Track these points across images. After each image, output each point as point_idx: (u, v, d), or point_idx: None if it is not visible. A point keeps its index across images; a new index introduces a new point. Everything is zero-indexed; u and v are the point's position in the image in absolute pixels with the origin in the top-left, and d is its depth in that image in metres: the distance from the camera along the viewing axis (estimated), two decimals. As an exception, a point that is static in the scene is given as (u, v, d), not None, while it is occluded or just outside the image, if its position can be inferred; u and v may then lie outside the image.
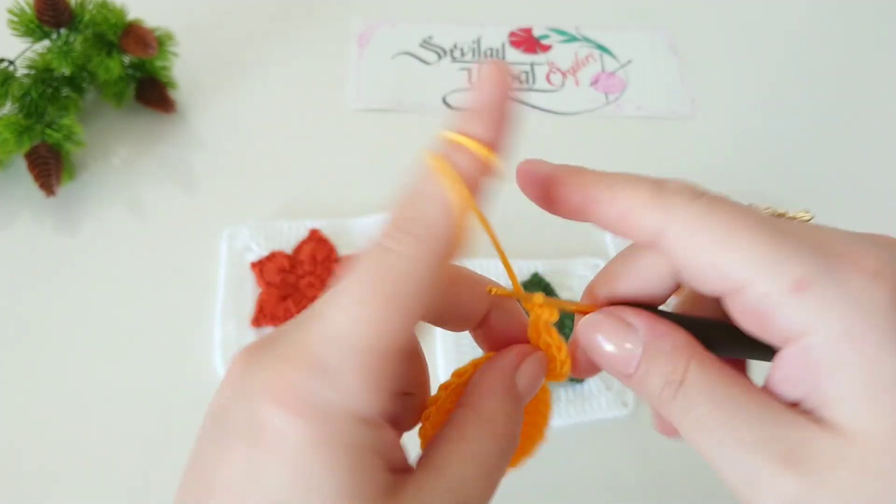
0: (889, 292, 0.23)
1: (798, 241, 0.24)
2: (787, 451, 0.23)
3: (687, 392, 0.26)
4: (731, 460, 0.24)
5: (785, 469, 0.23)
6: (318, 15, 0.80)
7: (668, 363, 0.26)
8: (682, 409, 0.25)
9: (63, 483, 0.50)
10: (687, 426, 0.25)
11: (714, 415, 0.25)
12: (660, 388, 0.26)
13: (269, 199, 0.64)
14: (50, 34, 0.65)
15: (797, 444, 0.23)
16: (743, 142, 0.73)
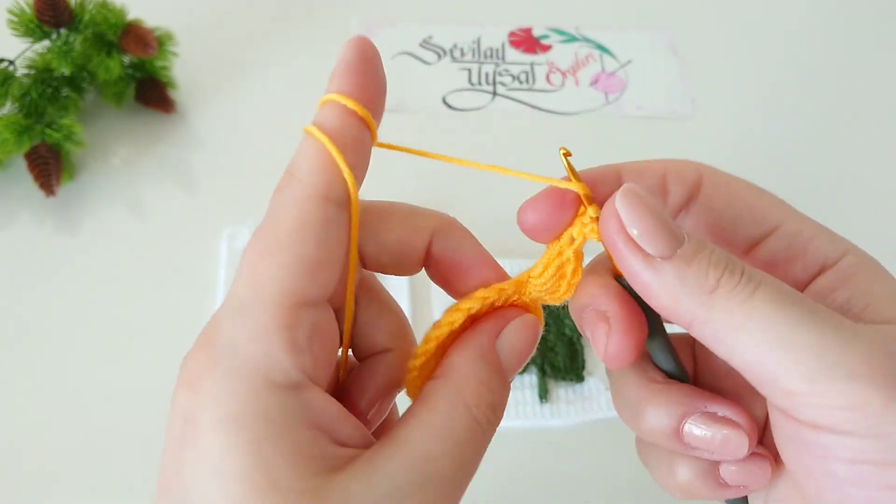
0: None
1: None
2: (881, 342, 0.22)
3: (756, 274, 0.23)
4: (827, 339, 0.22)
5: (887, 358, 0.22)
6: (318, 15, 0.80)
7: (724, 251, 0.24)
8: (755, 286, 0.23)
9: (63, 482, 0.50)
10: (761, 306, 0.22)
11: (795, 295, 0.23)
12: (721, 268, 0.23)
13: (268, 198, 0.64)
14: (50, 34, 0.65)
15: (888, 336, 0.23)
16: (743, 142, 0.73)
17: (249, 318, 0.23)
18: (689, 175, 0.28)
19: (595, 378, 0.55)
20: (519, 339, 0.27)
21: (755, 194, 0.28)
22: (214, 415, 0.22)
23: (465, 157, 0.74)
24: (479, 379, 0.25)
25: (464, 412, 0.24)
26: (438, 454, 0.23)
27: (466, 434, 0.24)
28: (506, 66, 0.77)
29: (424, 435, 0.23)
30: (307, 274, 0.23)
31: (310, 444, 0.22)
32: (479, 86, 0.75)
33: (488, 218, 0.36)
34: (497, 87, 0.75)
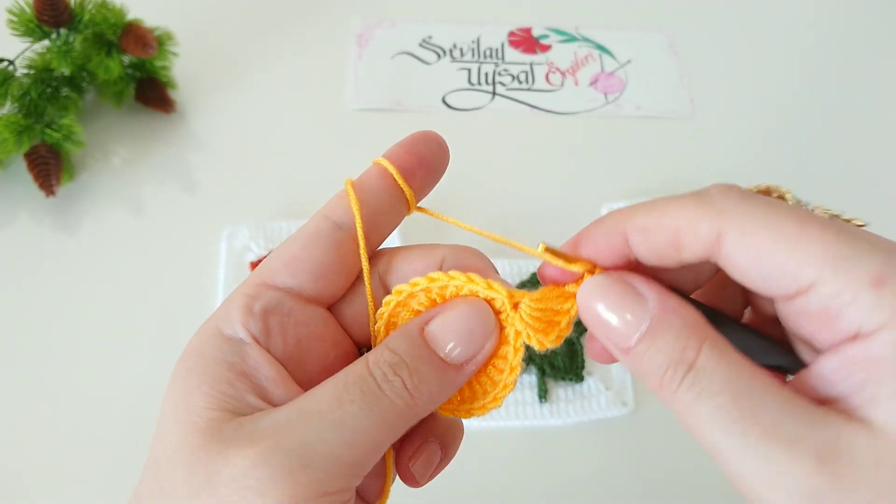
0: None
1: (866, 240, 0.23)
2: (819, 449, 0.22)
3: (700, 377, 0.23)
4: (751, 455, 0.22)
5: (816, 466, 0.21)
6: (318, 15, 0.80)
7: (677, 341, 0.24)
8: (694, 395, 0.23)
9: (63, 481, 0.50)
10: (698, 415, 0.23)
11: (735, 405, 0.23)
12: (663, 368, 0.24)
13: (268, 199, 0.64)
14: (49, 34, 0.65)
15: (831, 442, 0.22)
16: (742, 142, 0.73)
17: (236, 290, 0.28)
18: (705, 231, 0.24)
19: (594, 378, 0.55)
20: (453, 317, 0.28)
21: (787, 247, 0.23)
22: (179, 359, 0.27)
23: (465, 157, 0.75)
24: (386, 342, 0.27)
25: (361, 366, 0.26)
26: (320, 394, 0.25)
27: (355, 377, 0.25)
28: (505, 65, 0.77)
29: (321, 385, 0.26)
30: (282, 264, 0.28)
31: (229, 383, 0.26)
32: (478, 86, 0.75)
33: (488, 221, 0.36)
34: (496, 86, 0.75)
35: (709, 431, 0.23)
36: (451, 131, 0.75)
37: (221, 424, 0.25)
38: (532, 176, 0.68)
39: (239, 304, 0.27)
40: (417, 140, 0.30)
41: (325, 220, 0.28)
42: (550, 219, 0.64)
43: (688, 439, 0.54)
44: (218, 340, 0.27)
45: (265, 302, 0.27)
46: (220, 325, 0.27)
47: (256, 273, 0.28)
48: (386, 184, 0.29)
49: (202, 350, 0.27)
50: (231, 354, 0.26)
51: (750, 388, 0.23)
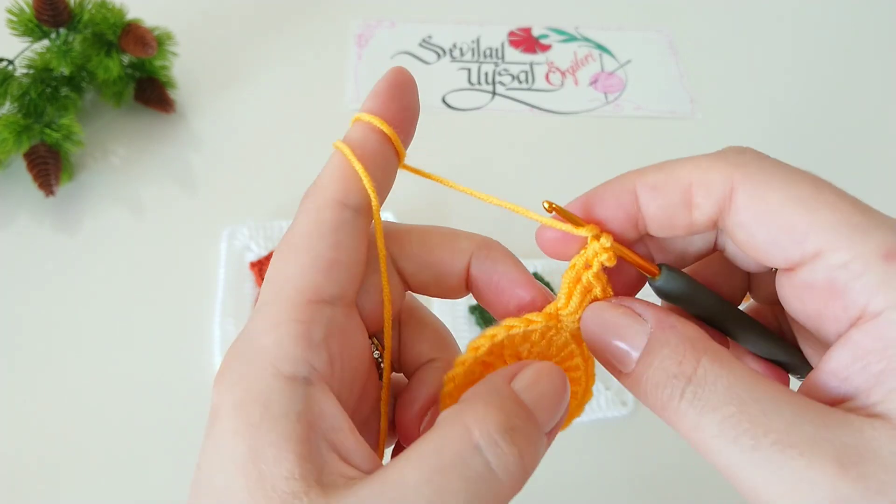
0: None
1: (880, 215, 0.22)
2: (840, 452, 0.20)
3: (701, 389, 0.22)
4: (766, 466, 0.20)
5: (840, 471, 0.20)
6: (318, 15, 0.80)
7: (673, 355, 0.23)
8: (697, 410, 0.22)
9: (63, 480, 0.50)
10: (704, 430, 0.22)
11: (743, 415, 0.21)
12: (662, 385, 0.23)
13: (268, 198, 0.64)
14: (49, 34, 0.65)
15: (852, 443, 0.20)
16: (741, 141, 0.72)
17: (268, 312, 0.23)
18: (718, 185, 0.24)
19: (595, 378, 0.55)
20: (539, 380, 0.24)
21: (800, 208, 0.22)
22: (228, 401, 0.22)
23: (464, 157, 0.75)
24: (486, 401, 0.22)
25: (459, 434, 0.21)
26: (414, 481, 0.20)
27: (457, 460, 0.20)
28: (505, 65, 0.77)
29: (408, 460, 0.21)
30: (321, 272, 0.24)
31: (302, 440, 0.21)
32: (478, 85, 0.75)
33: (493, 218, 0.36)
34: (496, 86, 0.75)
35: (718, 447, 0.21)
36: (451, 131, 0.75)
37: (305, 499, 0.20)
38: (532, 176, 0.68)
39: (295, 333, 0.22)
40: (401, 87, 0.27)
41: (344, 207, 0.25)
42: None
43: (688, 439, 0.54)
44: (281, 384, 0.22)
45: (324, 325, 0.23)
46: (277, 363, 0.22)
47: (291, 288, 0.23)
48: (378, 142, 0.26)
49: (265, 398, 0.21)
50: (299, 402, 0.21)
51: (757, 395, 0.21)
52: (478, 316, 0.57)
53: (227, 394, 0.22)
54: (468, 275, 0.27)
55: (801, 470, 0.20)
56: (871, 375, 0.21)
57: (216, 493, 0.21)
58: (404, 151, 0.27)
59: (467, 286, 0.28)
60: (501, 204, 0.28)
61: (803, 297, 0.23)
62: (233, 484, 0.21)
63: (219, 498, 0.21)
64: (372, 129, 0.26)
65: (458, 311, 0.57)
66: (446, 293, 0.28)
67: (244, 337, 0.24)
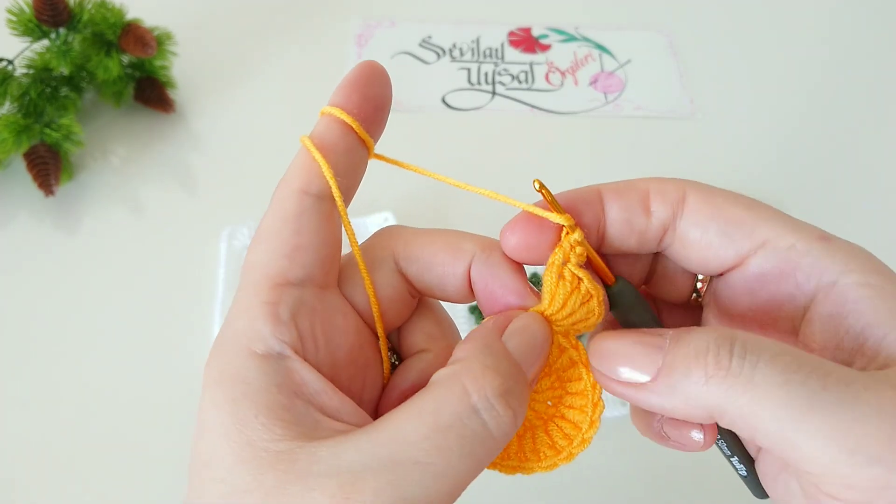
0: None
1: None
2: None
3: (751, 344, 0.22)
4: (836, 407, 0.20)
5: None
6: (318, 15, 0.80)
7: (707, 331, 0.23)
8: (751, 364, 0.21)
9: (63, 480, 0.50)
10: (762, 383, 0.21)
11: (803, 361, 0.21)
12: (705, 351, 0.22)
13: (268, 198, 0.64)
14: (49, 34, 0.65)
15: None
16: (741, 141, 0.73)
17: (239, 298, 0.26)
18: (672, 193, 0.27)
19: (594, 378, 0.55)
20: (528, 331, 0.25)
21: (743, 207, 0.26)
22: (208, 383, 0.24)
23: (464, 157, 0.75)
24: (482, 362, 0.23)
25: (457, 396, 0.22)
26: (415, 438, 0.21)
27: (455, 419, 0.22)
28: (505, 65, 0.77)
29: (407, 416, 0.22)
30: (285, 256, 0.25)
31: (285, 408, 0.23)
32: (478, 85, 0.75)
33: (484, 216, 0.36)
34: (496, 86, 0.75)
35: (780, 398, 0.21)
36: (451, 131, 0.75)
37: (293, 455, 0.21)
38: (531, 176, 0.68)
39: (263, 314, 0.24)
40: (366, 79, 0.28)
41: (305, 194, 0.26)
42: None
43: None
44: (256, 362, 0.23)
45: (290, 304, 0.24)
46: (250, 344, 0.24)
47: (259, 273, 0.25)
48: (341, 134, 0.27)
49: (243, 376, 0.23)
50: (276, 374, 0.23)
51: (790, 349, 0.22)
52: (477, 316, 0.57)
53: (209, 376, 0.24)
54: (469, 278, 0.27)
55: (878, 476, 0.20)
56: (838, 337, 0.23)
57: (209, 467, 0.23)
58: (371, 141, 0.28)
59: (470, 289, 0.27)
60: (477, 191, 0.29)
61: (754, 288, 0.26)
62: (222, 453, 0.22)
63: (212, 471, 0.22)
64: (335, 120, 0.28)
65: (458, 311, 0.57)
66: (450, 297, 0.28)
67: (225, 323, 0.26)
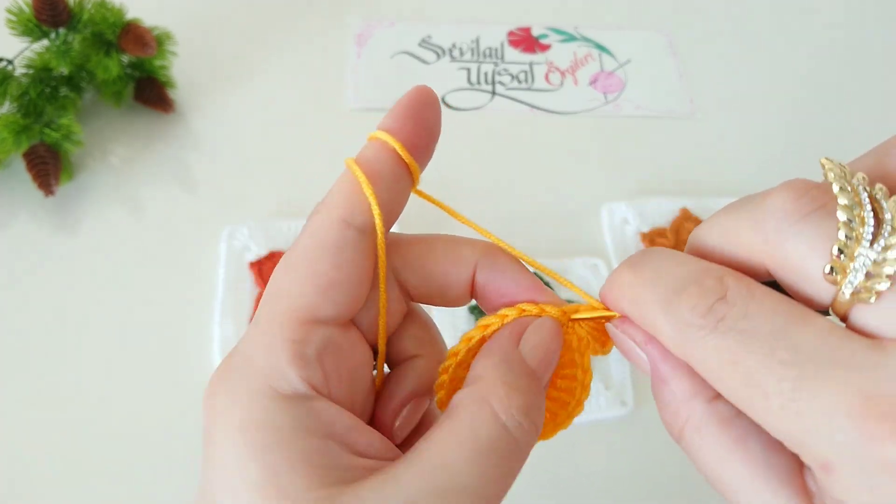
0: None
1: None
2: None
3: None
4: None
5: None
6: (318, 14, 0.80)
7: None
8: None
9: (61, 481, 0.50)
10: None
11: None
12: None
13: (267, 198, 0.64)
14: (48, 33, 0.64)
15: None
16: (741, 141, 0.73)
17: (260, 330, 0.24)
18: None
19: (594, 378, 0.55)
20: (542, 339, 0.25)
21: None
22: (226, 425, 0.22)
23: (464, 157, 0.74)
24: (505, 381, 0.24)
25: (489, 418, 0.23)
26: (459, 464, 0.22)
27: (493, 442, 0.22)
28: (505, 65, 0.77)
29: (445, 444, 0.22)
30: (319, 292, 0.24)
31: (320, 452, 0.22)
32: (478, 85, 0.75)
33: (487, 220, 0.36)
34: (496, 86, 0.75)
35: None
36: (451, 131, 0.75)
37: (336, 502, 0.21)
38: (531, 175, 0.68)
39: (289, 354, 0.23)
40: (419, 104, 0.26)
41: (348, 226, 0.25)
42: (549, 218, 0.64)
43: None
44: (283, 404, 0.22)
45: (318, 345, 0.23)
46: (274, 383, 0.22)
47: (285, 305, 0.24)
48: (391, 163, 0.26)
49: (271, 421, 0.22)
50: (306, 417, 0.22)
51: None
52: (477, 315, 0.57)
53: (226, 416, 0.22)
54: (472, 283, 0.27)
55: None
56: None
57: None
58: (419, 174, 0.27)
59: (471, 294, 0.28)
60: (545, 271, 0.29)
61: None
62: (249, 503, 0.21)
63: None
64: (385, 147, 0.26)
65: (457, 310, 0.57)
66: (449, 302, 0.28)
67: (238, 354, 0.24)
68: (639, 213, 0.64)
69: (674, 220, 0.63)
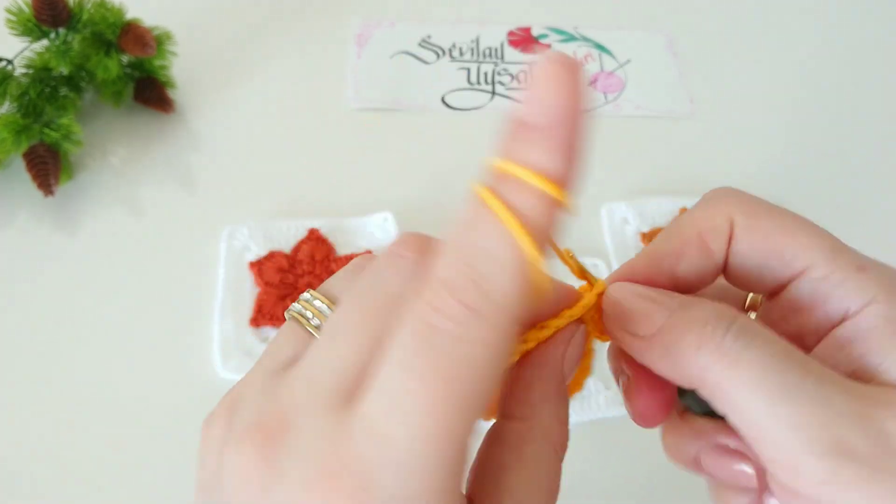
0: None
1: (845, 243, 0.26)
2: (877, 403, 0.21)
3: (748, 329, 0.23)
4: (812, 400, 0.21)
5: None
6: (317, 15, 0.80)
7: (714, 306, 0.24)
8: (743, 344, 0.22)
9: (61, 482, 0.50)
10: (747, 366, 0.22)
11: (792, 354, 0.22)
12: (702, 323, 0.23)
13: (267, 198, 0.64)
14: (48, 33, 0.64)
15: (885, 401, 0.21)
16: (741, 141, 0.73)
17: (417, 481, 0.17)
18: (721, 226, 0.26)
19: (593, 378, 0.55)
20: (577, 358, 0.27)
21: (788, 232, 0.25)
22: None
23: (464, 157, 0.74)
24: (560, 419, 0.25)
25: (554, 460, 0.24)
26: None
27: (556, 476, 0.24)
28: (505, 65, 0.77)
29: (527, 492, 0.23)
30: (474, 422, 0.18)
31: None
32: (477, 85, 0.75)
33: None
34: (496, 86, 0.75)
35: (759, 381, 0.21)
36: (451, 131, 0.75)
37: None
38: (531, 175, 0.68)
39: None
40: (572, 107, 0.19)
41: (514, 334, 0.19)
42: (550, 218, 0.64)
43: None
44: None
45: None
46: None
47: (449, 448, 0.18)
48: (554, 227, 0.20)
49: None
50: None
51: (793, 349, 0.23)
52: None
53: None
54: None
55: (843, 404, 0.21)
56: (851, 360, 0.24)
57: None
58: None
59: None
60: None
61: (787, 316, 0.26)
62: None
63: None
64: (552, 205, 0.18)
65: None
66: None
67: (373, 491, 0.17)
68: (639, 213, 0.64)
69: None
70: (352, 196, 0.64)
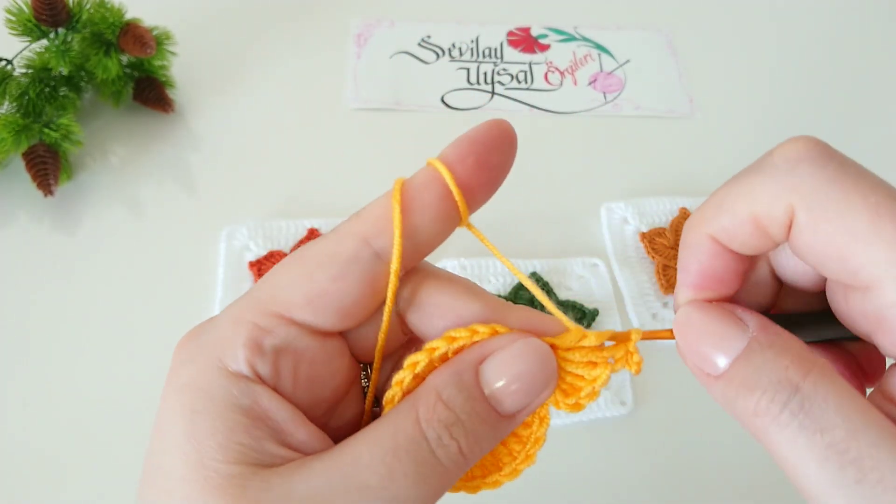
0: None
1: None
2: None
3: (809, 404, 0.21)
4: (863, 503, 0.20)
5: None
6: (317, 15, 0.80)
7: (778, 359, 0.22)
8: (799, 425, 0.20)
9: (61, 481, 0.50)
10: (802, 450, 0.20)
11: (852, 443, 0.20)
12: (762, 389, 0.21)
13: (267, 198, 0.64)
14: (48, 33, 0.64)
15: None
16: (741, 141, 0.73)
17: (239, 305, 0.24)
18: (780, 217, 0.23)
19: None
20: (516, 362, 0.24)
21: (859, 238, 0.21)
22: (173, 381, 0.23)
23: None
24: (438, 391, 0.23)
25: (411, 423, 0.22)
26: (367, 461, 0.21)
27: (408, 445, 0.22)
28: (504, 65, 0.77)
29: (363, 441, 0.22)
30: (305, 296, 0.23)
31: (245, 431, 0.22)
32: (477, 85, 0.75)
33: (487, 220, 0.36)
34: (495, 86, 0.75)
35: (813, 471, 0.20)
36: (450, 131, 0.75)
37: (244, 481, 0.21)
38: (531, 175, 0.68)
39: (246, 337, 0.23)
40: (490, 143, 0.25)
41: (366, 246, 0.24)
42: (549, 218, 0.64)
43: (686, 439, 0.54)
44: (224, 379, 0.22)
45: (278, 340, 0.23)
46: (224, 358, 0.23)
47: (268, 293, 0.23)
48: (438, 195, 0.24)
49: (208, 389, 0.22)
50: (242, 396, 0.22)
51: (867, 422, 0.20)
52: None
53: (176, 373, 0.23)
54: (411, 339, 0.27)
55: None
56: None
57: (160, 474, 0.22)
58: (467, 213, 0.25)
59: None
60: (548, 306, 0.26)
61: (854, 315, 0.23)
62: (172, 463, 0.22)
63: (162, 479, 0.22)
64: (437, 178, 0.24)
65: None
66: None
67: (214, 319, 0.24)
68: (638, 213, 0.64)
69: (673, 220, 0.63)
70: (351, 196, 0.64)
